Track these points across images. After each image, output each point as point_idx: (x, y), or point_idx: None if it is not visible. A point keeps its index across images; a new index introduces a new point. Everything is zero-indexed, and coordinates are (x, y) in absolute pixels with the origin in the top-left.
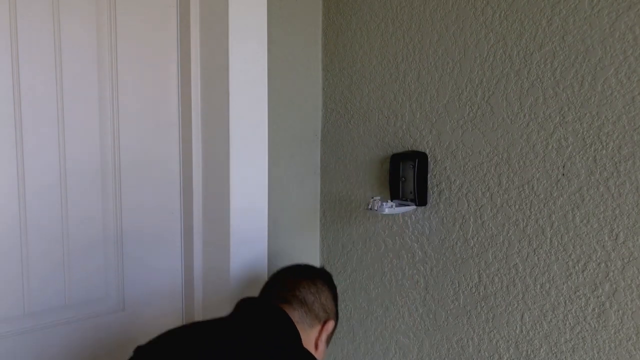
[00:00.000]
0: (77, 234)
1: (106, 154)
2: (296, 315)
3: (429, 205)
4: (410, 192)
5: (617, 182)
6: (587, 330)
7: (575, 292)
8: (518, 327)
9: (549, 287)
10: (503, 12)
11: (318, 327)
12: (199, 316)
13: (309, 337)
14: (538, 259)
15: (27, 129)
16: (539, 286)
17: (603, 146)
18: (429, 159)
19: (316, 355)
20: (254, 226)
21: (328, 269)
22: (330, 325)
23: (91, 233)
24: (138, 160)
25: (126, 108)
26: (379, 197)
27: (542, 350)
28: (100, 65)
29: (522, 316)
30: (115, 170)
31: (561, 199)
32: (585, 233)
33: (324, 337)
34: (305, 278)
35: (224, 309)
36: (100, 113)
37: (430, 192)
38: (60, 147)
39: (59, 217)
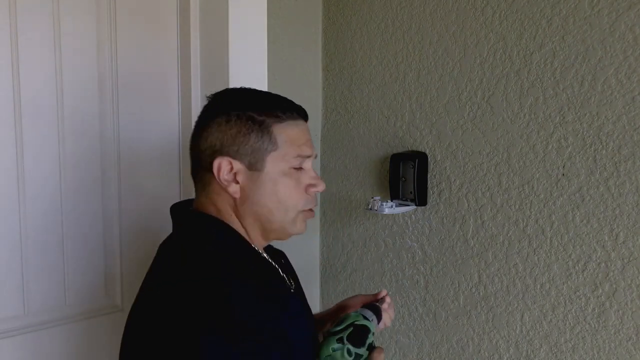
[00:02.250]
0: (77, 235)
1: (107, 155)
2: (199, 193)
3: (429, 205)
4: (410, 192)
5: (617, 182)
6: (587, 330)
7: (575, 292)
8: (518, 327)
9: (549, 287)
10: (503, 12)
11: (214, 181)
12: None
13: (207, 199)
14: (538, 259)
15: (27, 129)
16: (539, 286)
17: (603, 146)
18: (429, 159)
19: (239, 203)
20: None
21: (328, 269)
22: (218, 163)
23: (91, 233)
24: (139, 162)
25: (126, 108)
26: (379, 197)
27: (542, 350)
28: (101, 65)
29: (522, 316)
30: (116, 172)
31: (561, 199)
32: (585, 233)
33: (223, 178)
34: (193, 136)
35: None
36: (100, 113)
37: (430, 192)
38: (60, 147)
39: (59, 218)
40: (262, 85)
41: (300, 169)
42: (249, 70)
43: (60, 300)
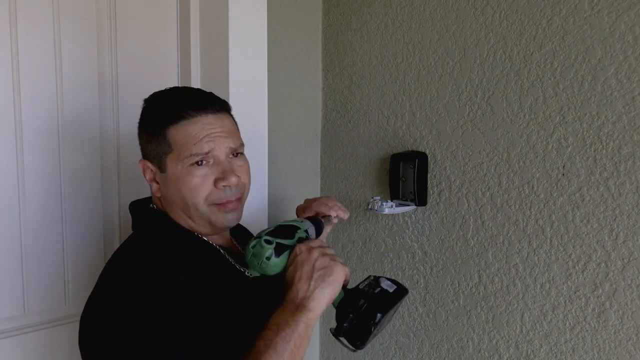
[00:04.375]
0: (77, 234)
1: (107, 155)
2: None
3: (429, 205)
4: (410, 192)
5: (617, 182)
6: (587, 330)
7: (575, 292)
8: (518, 327)
9: (549, 287)
10: (503, 12)
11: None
12: None
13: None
14: (538, 259)
15: (27, 129)
16: (539, 286)
17: (603, 146)
18: (429, 159)
19: (164, 199)
20: (255, 226)
21: None
22: (141, 166)
23: (91, 233)
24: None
25: (126, 108)
26: (379, 197)
27: (542, 350)
28: (101, 65)
29: (522, 316)
30: (116, 171)
31: (561, 199)
32: (585, 233)
33: (147, 178)
34: None
35: None
36: (100, 113)
37: (430, 192)
38: (61, 147)
39: (59, 218)
40: (262, 85)
41: (206, 163)
42: (249, 70)
43: (60, 300)
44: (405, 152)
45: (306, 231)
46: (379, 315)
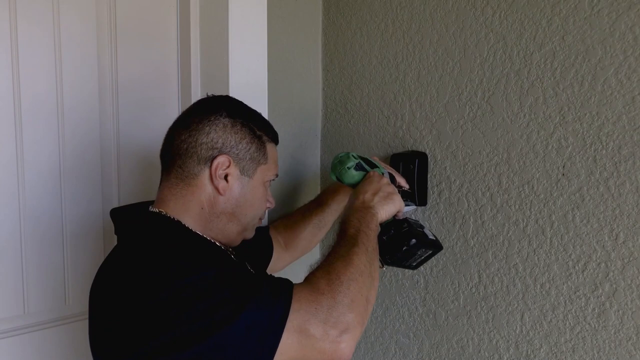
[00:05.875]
0: (77, 234)
1: (107, 155)
2: (169, 182)
3: (429, 205)
4: (411, 192)
5: (617, 182)
6: (587, 330)
7: (575, 292)
8: (518, 327)
9: (549, 287)
10: (503, 12)
11: (205, 174)
12: None
13: (177, 191)
14: (538, 259)
15: (27, 129)
16: (539, 286)
17: (603, 146)
18: (429, 159)
19: (221, 200)
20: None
21: None
22: (220, 160)
23: (91, 233)
24: (139, 163)
25: (126, 108)
26: None
27: (542, 350)
28: (101, 66)
29: (522, 316)
30: (116, 172)
31: (561, 199)
32: (585, 233)
33: (218, 174)
34: (183, 125)
35: None
36: (100, 113)
37: (430, 192)
38: (60, 147)
39: (59, 218)
40: (262, 86)
41: (269, 183)
42: (249, 70)
43: (60, 300)
44: (405, 152)
45: (383, 174)
46: (413, 240)
